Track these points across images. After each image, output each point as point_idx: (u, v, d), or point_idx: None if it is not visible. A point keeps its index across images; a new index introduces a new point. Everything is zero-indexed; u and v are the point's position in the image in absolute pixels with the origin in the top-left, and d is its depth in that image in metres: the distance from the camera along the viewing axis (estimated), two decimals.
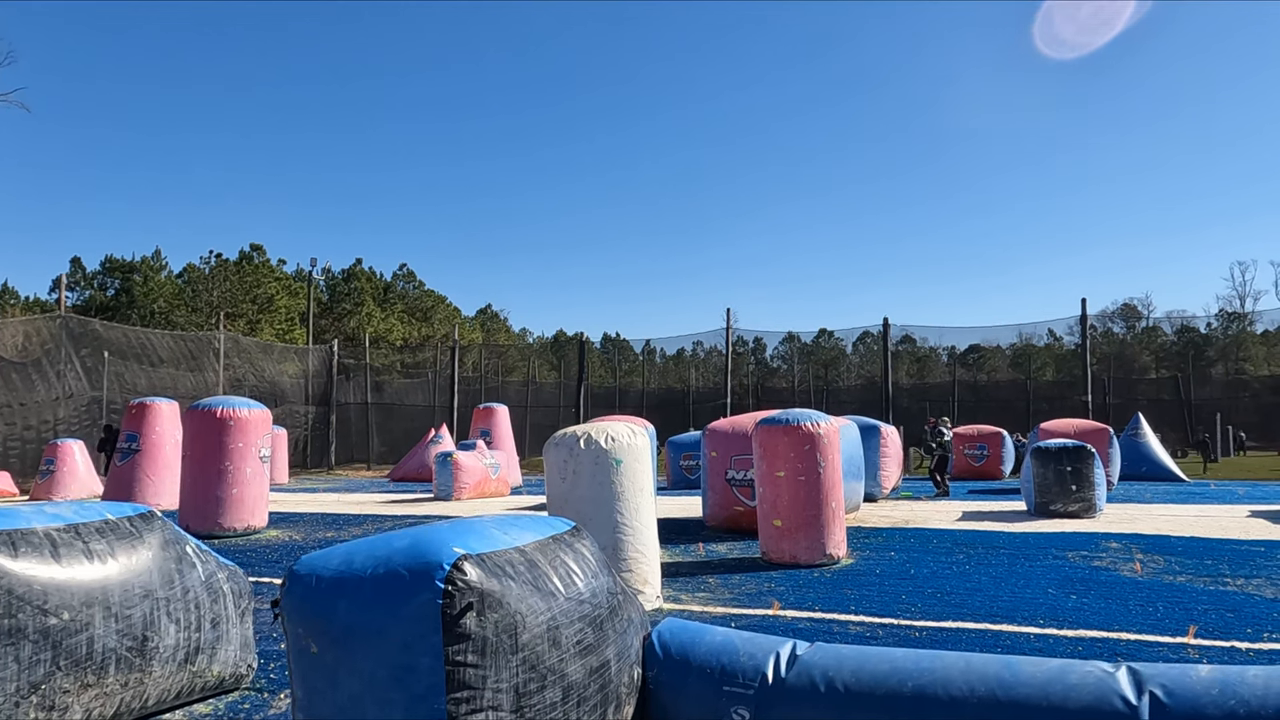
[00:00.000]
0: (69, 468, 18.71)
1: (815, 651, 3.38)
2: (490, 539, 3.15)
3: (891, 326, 28.35)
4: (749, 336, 41.02)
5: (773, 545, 9.03)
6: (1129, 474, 19.91)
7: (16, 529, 3.91)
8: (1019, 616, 6.50)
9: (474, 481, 17.54)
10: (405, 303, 60.70)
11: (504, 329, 70.95)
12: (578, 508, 6.74)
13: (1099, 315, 51.81)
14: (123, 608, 4.11)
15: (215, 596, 4.64)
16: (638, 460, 7.10)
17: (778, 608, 6.84)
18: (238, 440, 11.94)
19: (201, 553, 4.72)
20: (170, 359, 27.51)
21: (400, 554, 2.97)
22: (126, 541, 4.31)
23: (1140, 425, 21.53)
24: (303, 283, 51.60)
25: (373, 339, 40.60)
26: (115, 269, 53.38)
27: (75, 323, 24.91)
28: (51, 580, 3.87)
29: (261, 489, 12.24)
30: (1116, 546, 9.88)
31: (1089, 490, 12.63)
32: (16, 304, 49.65)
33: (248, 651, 4.87)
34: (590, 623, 3.23)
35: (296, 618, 2.99)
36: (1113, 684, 2.97)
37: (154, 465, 15.86)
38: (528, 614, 2.99)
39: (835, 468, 9.08)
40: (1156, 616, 6.47)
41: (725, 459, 11.68)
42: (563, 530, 3.59)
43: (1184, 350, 46.02)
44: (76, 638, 3.89)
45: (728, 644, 3.48)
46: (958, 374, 42.31)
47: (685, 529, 11.86)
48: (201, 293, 50.20)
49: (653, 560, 7.10)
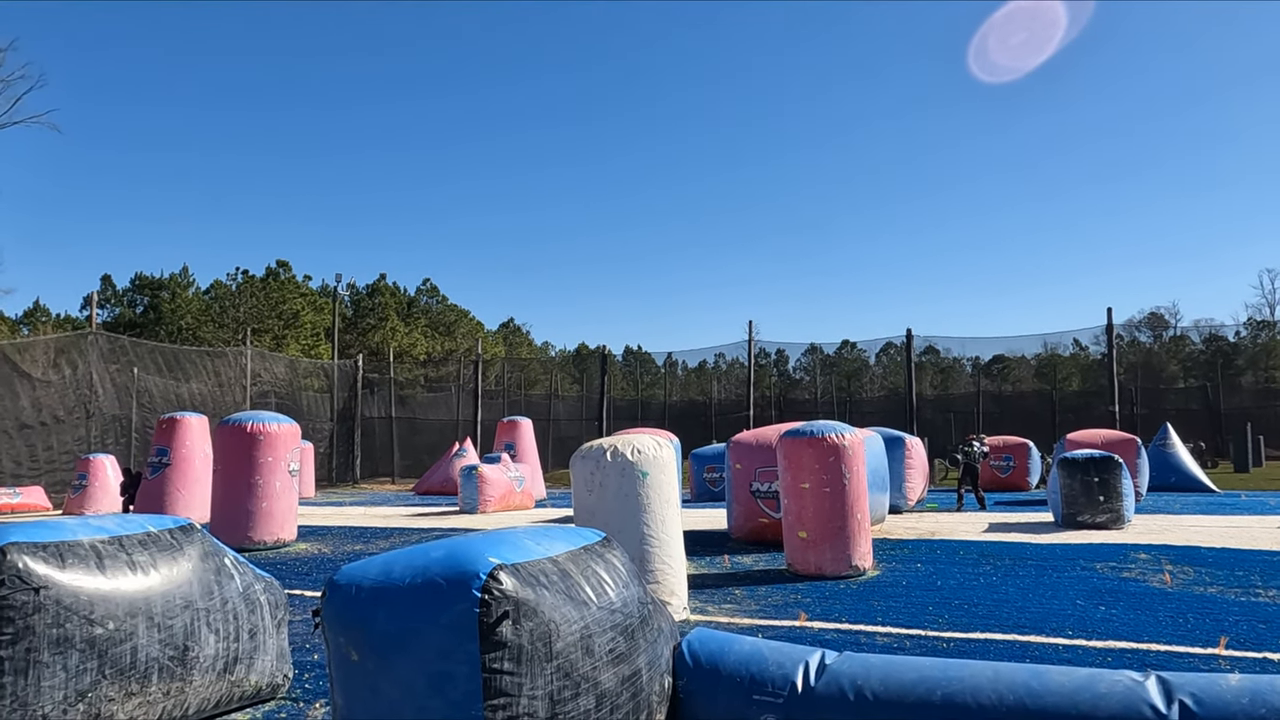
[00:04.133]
0: (101, 482, 19.00)
1: (844, 660, 3.42)
2: (524, 549, 3.23)
3: (915, 337, 28.26)
4: (771, 348, 41.12)
5: (798, 557, 9.04)
6: (1157, 485, 19.69)
7: (64, 541, 4.02)
8: (1047, 628, 6.48)
9: (499, 494, 17.64)
10: (428, 317, 61.08)
11: (526, 342, 71.22)
12: (605, 519, 6.80)
13: (1125, 324, 51.37)
14: (165, 618, 4.21)
15: (253, 607, 4.73)
16: (663, 472, 7.16)
17: (804, 619, 6.85)
18: (267, 454, 12.11)
19: (239, 564, 4.83)
20: (198, 374, 27.89)
21: (437, 564, 3.05)
22: (168, 553, 4.42)
23: (1169, 435, 21.30)
24: (328, 298, 52.12)
25: (396, 353, 40.95)
26: (144, 286, 54.17)
27: (105, 339, 25.32)
28: (97, 591, 3.98)
29: (290, 502, 12.39)
30: (1145, 558, 9.80)
31: (1117, 501, 12.52)
32: (48, 321, 50.51)
33: (284, 662, 4.96)
34: (622, 631, 3.29)
35: (337, 626, 3.07)
36: (1142, 693, 2.98)
37: (184, 479, 16.07)
38: (561, 623, 3.05)
39: (860, 479, 9.09)
40: (1187, 628, 6.43)
41: (750, 471, 11.70)
42: (594, 541, 3.65)
43: (1212, 359, 45.46)
44: (121, 647, 3.99)
45: (757, 653, 3.53)
46: (982, 385, 42.02)
47: (710, 541, 11.88)
48: (228, 309, 50.78)
49: (679, 572, 7.15)
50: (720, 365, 53.20)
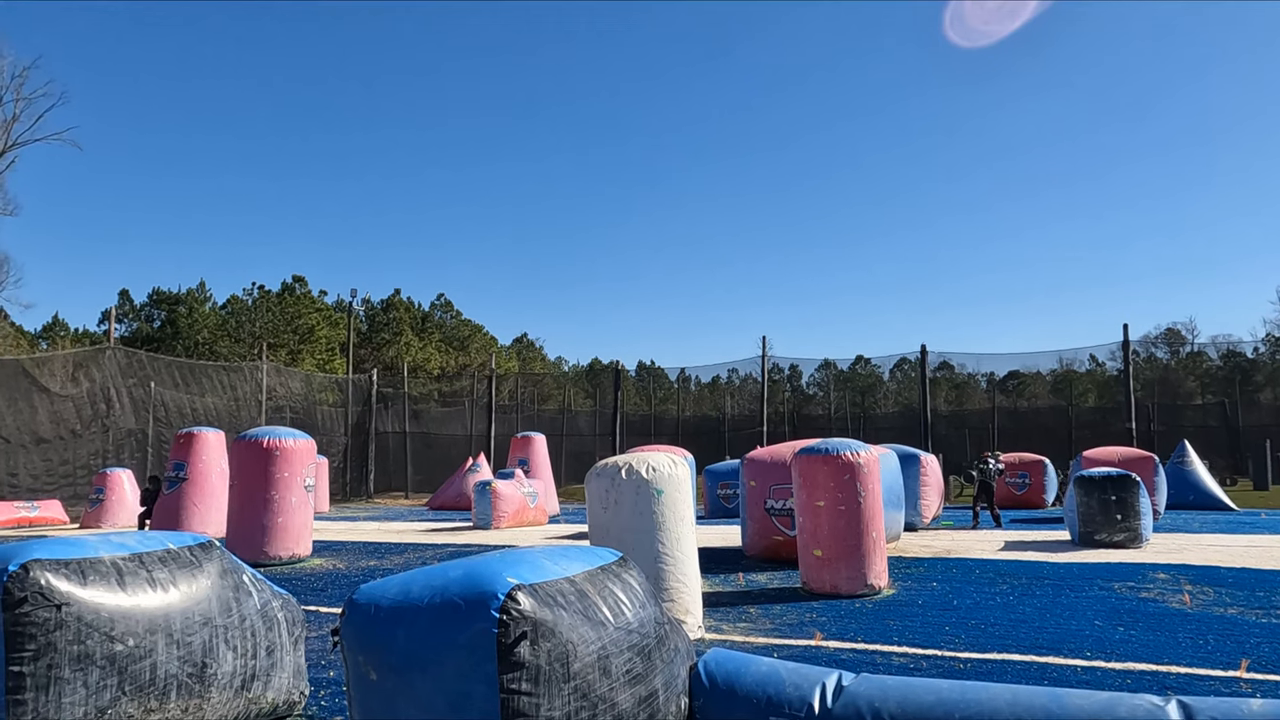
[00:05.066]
0: (118, 496, 19.15)
1: (861, 682, 3.41)
2: (542, 569, 3.24)
3: (929, 353, 28.20)
4: (784, 364, 41.03)
5: (813, 575, 9.01)
6: (1176, 503, 19.53)
7: (85, 558, 4.06)
8: (1065, 649, 6.43)
9: (512, 510, 17.65)
10: (443, 332, 61.34)
11: (540, 357, 71.33)
12: (619, 537, 6.80)
13: (1142, 340, 50.95)
14: (184, 635, 4.24)
15: (270, 624, 4.76)
16: (678, 490, 7.16)
17: (820, 638, 6.83)
18: (283, 470, 12.17)
19: (257, 581, 4.85)
20: (214, 389, 28.08)
21: (456, 584, 3.07)
22: (187, 570, 4.45)
23: (1186, 453, 21.13)
24: (343, 313, 52.43)
25: (411, 368, 41.10)
26: (162, 301, 54.63)
27: (123, 354, 25.56)
28: (118, 608, 4.01)
29: (306, 518, 12.44)
30: (1164, 577, 9.71)
31: (1134, 519, 12.42)
32: (67, 335, 50.99)
33: (300, 679, 4.97)
34: (639, 652, 3.30)
35: (356, 646, 3.09)
36: (1163, 717, 2.96)
37: (201, 494, 16.16)
38: (579, 643, 3.06)
39: (875, 497, 9.06)
40: (1207, 649, 6.37)
41: (764, 488, 11.67)
42: (610, 561, 3.66)
43: (1230, 375, 45.06)
44: (140, 664, 4.02)
45: (773, 674, 3.53)
46: (997, 401, 41.78)
47: (724, 559, 11.84)
48: (244, 324, 51.15)
49: (694, 590, 7.13)
50: (733, 380, 53.14)
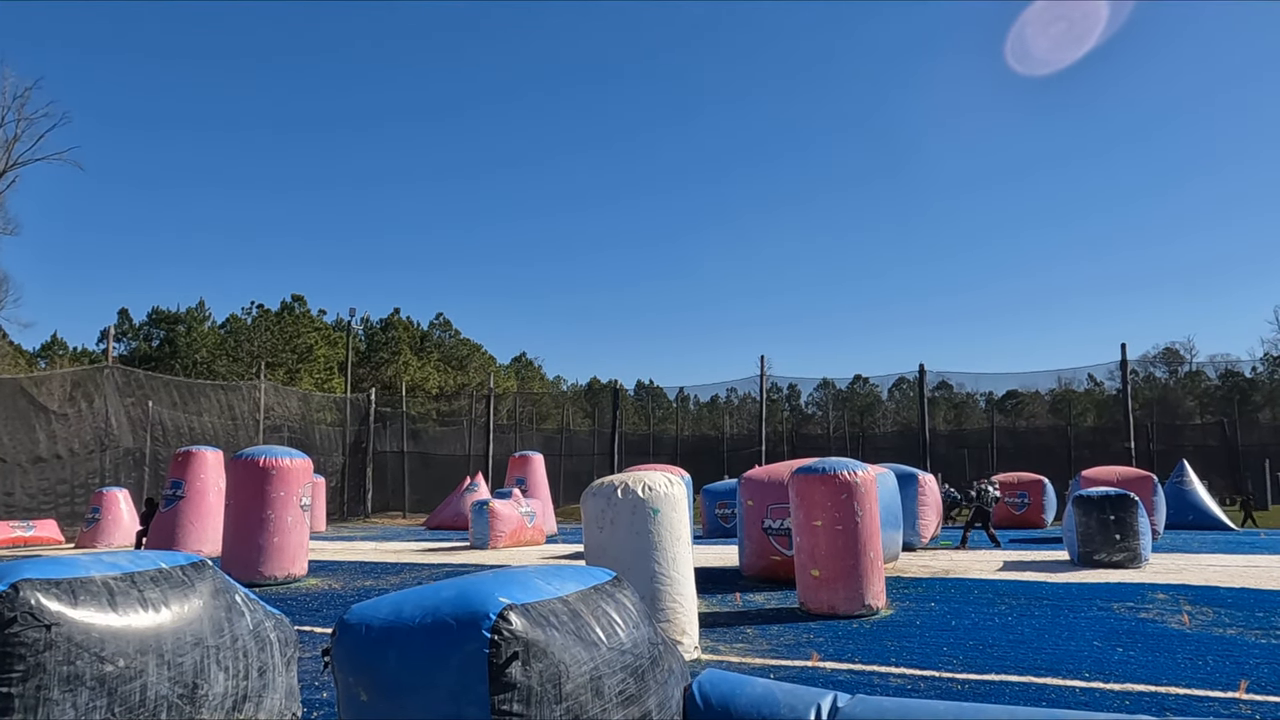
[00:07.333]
0: (114, 516, 19.07)
1: (856, 704, 3.38)
2: (534, 589, 3.22)
3: (928, 372, 28.21)
4: (783, 383, 41.05)
5: (811, 595, 8.96)
6: (1175, 522, 19.49)
7: (77, 577, 4.03)
8: (1064, 669, 6.39)
9: (510, 530, 17.58)
10: (441, 351, 61.34)
11: (538, 377, 71.34)
12: (615, 556, 6.77)
13: (1140, 360, 50.93)
14: (175, 655, 4.20)
15: (262, 645, 4.72)
16: (675, 509, 7.13)
17: (817, 659, 6.78)
18: (279, 489, 12.13)
19: (250, 601, 4.82)
20: (211, 408, 28.04)
21: (448, 604, 3.05)
22: (179, 590, 4.42)
23: (1185, 472, 21.10)
24: (342, 332, 52.47)
25: (409, 388, 41.08)
26: (161, 320, 54.67)
27: (121, 373, 25.53)
28: (108, 628, 3.98)
29: (302, 537, 12.39)
30: (1163, 598, 9.67)
31: (1133, 539, 12.38)
32: (65, 354, 50.99)
33: (292, 700, 4.93)
34: (632, 673, 3.27)
35: (347, 666, 3.06)
36: None
37: (197, 512, 16.10)
38: (571, 664, 3.04)
39: (873, 517, 9.03)
40: (1206, 670, 6.33)
41: (762, 508, 11.64)
42: (604, 580, 3.64)
43: (1229, 395, 45.07)
44: (131, 685, 3.98)
45: (768, 696, 3.50)
46: (996, 420, 41.76)
47: (722, 578, 11.79)
48: (243, 342, 51.15)
49: (690, 610, 7.09)
50: (732, 400, 53.15)
